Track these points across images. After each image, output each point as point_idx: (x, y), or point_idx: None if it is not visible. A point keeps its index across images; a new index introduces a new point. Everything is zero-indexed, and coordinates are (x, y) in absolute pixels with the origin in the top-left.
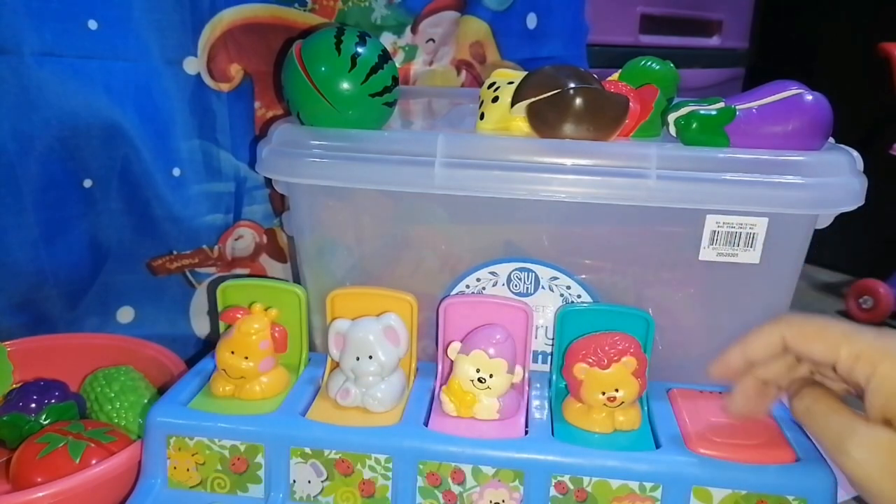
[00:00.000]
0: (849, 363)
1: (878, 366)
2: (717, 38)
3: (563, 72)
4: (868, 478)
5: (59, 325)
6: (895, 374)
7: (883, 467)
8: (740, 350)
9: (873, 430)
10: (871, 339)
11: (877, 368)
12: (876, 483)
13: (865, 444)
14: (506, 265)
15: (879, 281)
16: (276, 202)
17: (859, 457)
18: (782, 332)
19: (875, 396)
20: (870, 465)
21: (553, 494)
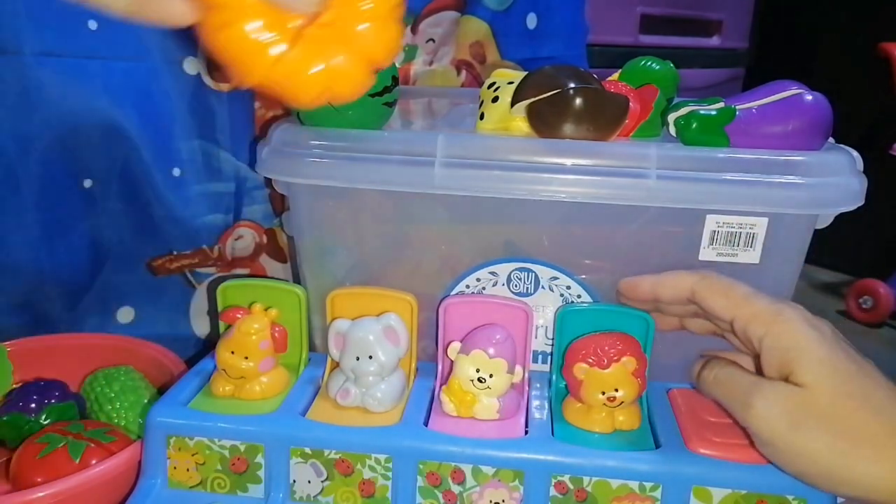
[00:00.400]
0: (744, 321)
1: (770, 326)
2: (717, 38)
3: (563, 72)
4: (773, 430)
5: (59, 325)
6: (786, 333)
7: (787, 418)
8: (652, 283)
9: (775, 384)
10: (768, 302)
11: (769, 328)
12: (781, 435)
13: (769, 397)
14: (506, 265)
15: (879, 281)
16: (276, 202)
17: (763, 410)
18: (693, 282)
19: (769, 355)
20: (775, 417)
21: (553, 494)
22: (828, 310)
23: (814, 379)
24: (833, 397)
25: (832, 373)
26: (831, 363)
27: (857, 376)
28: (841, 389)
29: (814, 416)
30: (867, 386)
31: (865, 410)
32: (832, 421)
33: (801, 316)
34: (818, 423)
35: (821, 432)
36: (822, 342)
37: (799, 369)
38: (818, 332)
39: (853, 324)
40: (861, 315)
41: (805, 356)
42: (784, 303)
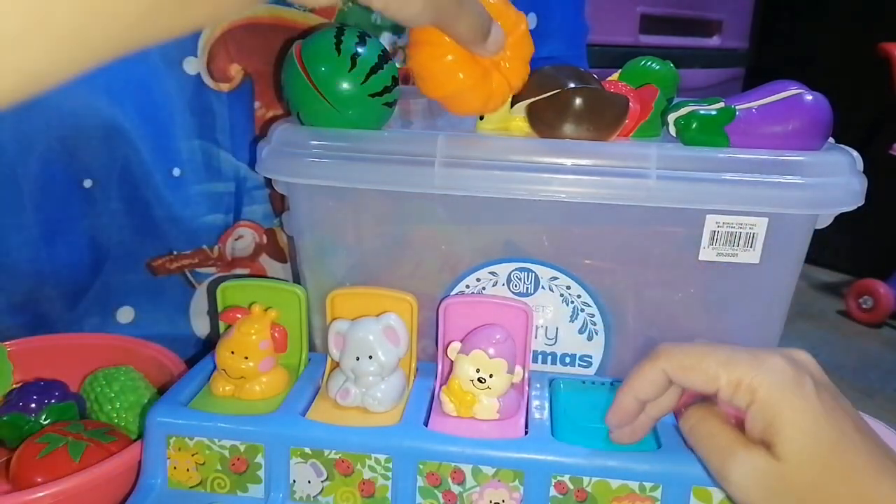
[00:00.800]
0: (729, 391)
1: (756, 392)
2: (717, 38)
3: (564, 72)
4: (745, 497)
5: (59, 325)
6: (772, 402)
7: (763, 491)
8: (630, 393)
9: (751, 453)
10: (748, 365)
11: (755, 395)
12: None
13: (745, 471)
14: (506, 265)
15: (879, 281)
16: (276, 202)
17: (738, 481)
18: (663, 367)
19: (755, 422)
20: (750, 488)
21: (553, 494)
22: (828, 310)
23: (793, 456)
24: (812, 476)
25: (813, 449)
26: (813, 437)
27: (838, 449)
28: (820, 467)
29: (789, 491)
30: (846, 457)
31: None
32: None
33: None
34: (793, 498)
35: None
36: (805, 414)
37: (780, 443)
38: (802, 398)
39: (853, 324)
40: (861, 315)
41: (787, 431)
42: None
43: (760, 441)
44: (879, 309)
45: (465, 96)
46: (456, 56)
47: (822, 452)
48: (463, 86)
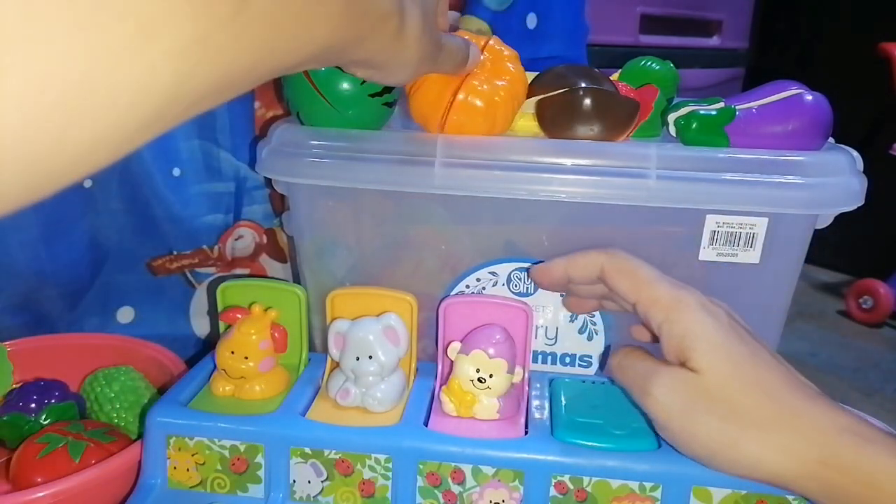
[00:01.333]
0: (645, 306)
1: (668, 312)
2: (717, 38)
3: (575, 71)
4: (668, 415)
5: (59, 325)
6: (684, 320)
7: (681, 403)
8: (563, 263)
9: (672, 370)
10: (668, 287)
11: (667, 315)
12: (675, 419)
13: (665, 383)
14: (506, 265)
15: (879, 281)
16: (276, 202)
17: (660, 396)
18: (603, 261)
19: (668, 340)
20: (670, 402)
21: (553, 494)
22: (828, 310)
23: (707, 365)
24: (724, 382)
25: (725, 359)
26: (724, 349)
27: (749, 361)
28: (732, 374)
29: (705, 400)
30: (759, 370)
31: (755, 394)
32: (722, 405)
33: (699, 302)
34: (709, 407)
35: (711, 416)
36: (717, 329)
37: (693, 355)
38: (714, 318)
39: (853, 324)
40: (861, 315)
41: (699, 343)
42: (684, 289)
43: (677, 361)
44: (879, 309)
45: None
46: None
47: (735, 365)
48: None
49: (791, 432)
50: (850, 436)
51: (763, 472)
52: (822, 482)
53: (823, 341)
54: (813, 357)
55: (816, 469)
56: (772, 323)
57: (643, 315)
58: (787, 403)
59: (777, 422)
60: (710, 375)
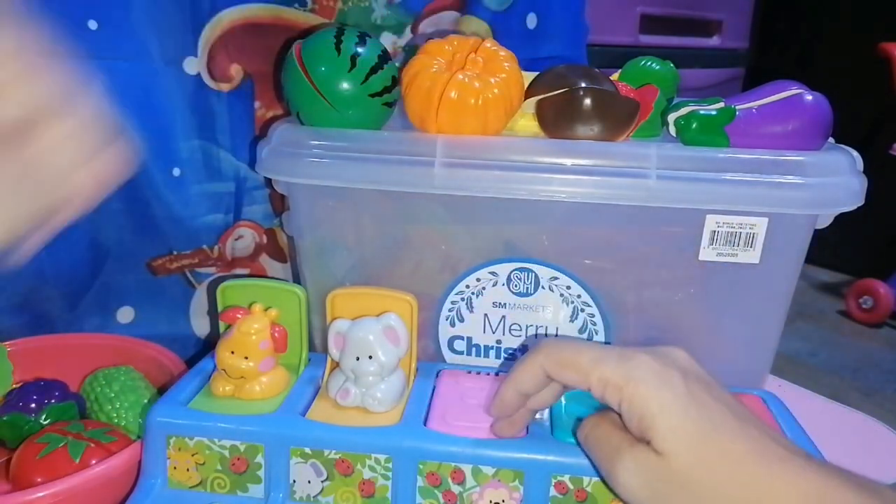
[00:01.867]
0: (599, 390)
1: (623, 390)
2: (717, 38)
3: (575, 72)
4: (636, 500)
5: (59, 325)
6: (638, 399)
7: (647, 489)
8: (511, 386)
9: (634, 451)
10: (615, 363)
11: (623, 393)
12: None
13: (629, 467)
14: (506, 265)
15: (879, 281)
16: (276, 202)
17: (625, 481)
18: (541, 363)
19: (628, 420)
20: (636, 487)
21: (553, 494)
22: (828, 310)
23: (668, 448)
24: (687, 466)
25: (685, 439)
26: (684, 428)
27: (711, 436)
28: (695, 456)
29: (672, 484)
30: (723, 445)
31: (719, 473)
32: (690, 487)
33: (650, 373)
34: (677, 491)
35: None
36: (673, 403)
37: (654, 437)
38: (669, 389)
39: (853, 324)
40: (861, 315)
41: (658, 423)
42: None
43: (640, 438)
44: (879, 309)
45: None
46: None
47: (696, 442)
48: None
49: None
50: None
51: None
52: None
53: (823, 341)
54: (813, 357)
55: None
56: (772, 323)
57: (600, 398)
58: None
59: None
60: (673, 460)
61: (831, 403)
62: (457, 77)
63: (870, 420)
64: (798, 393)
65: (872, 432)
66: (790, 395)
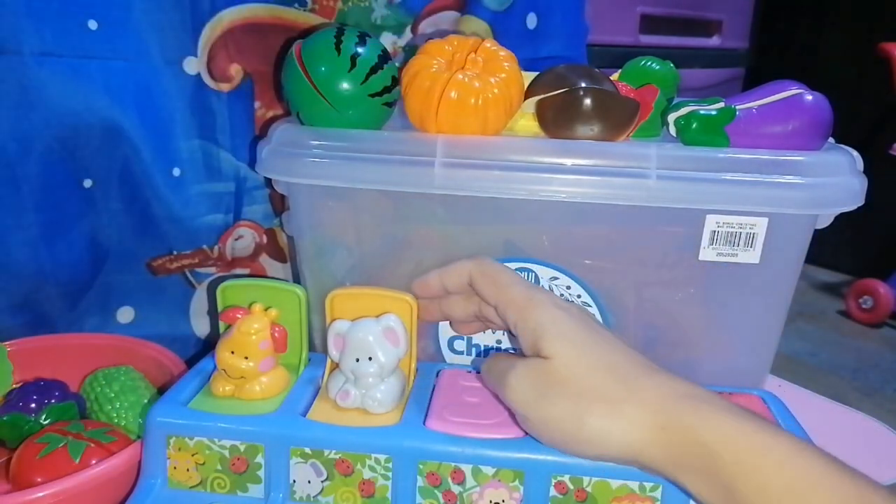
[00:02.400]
0: (503, 307)
1: (522, 311)
2: (717, 38)
3: (575, 71)
4: (525, 403)
5: (59, 325)
6: (536, 315)
7: (534, 389)
8: (438, 274)
9: (526, 360)
10: (524, 288)
11: (521, 312)
12: (529, 406)
13: (520, 373)
14: (506, 265)
15: (879, 281)
16: (276, 202)
17: (515, 384)
18: (470, 269)
19: (522, 335)
20: (524, 389)
21: (553, 494)
22: (828, 310)
23: (555, 351)
24: (571, 364)
25: (571, 344)
26: (571, 335)
27: (595, 345)
28: (578, 357)
29: (555, 383)
30: (604, 352)
31: (601, 372)
32: (570, 386)
33: (550, 300)
34: (559, 389)
35: (561, 398)
36: (566, 319)
37: (544, 344)
38: (564, 311)
39: (853, 324)
40: (861, 315)
41: (549, 332)
42: (539, 290)
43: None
44: (879, 309)
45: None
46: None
47: (581, 348)
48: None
49: (633, 403)
50: (689, 400)
51: (612, 447)
52: (664, 448)
53: (823, 341)
54: (813, 357)
55: (658, 435)
56: (772, 323)
57: (503, 316)
58: (631, 378)
59: (620, 396)
60: (559, 359)
61: (831, 403)
62: (457, 77)
63: (870, 420)
64: (798, 393)
65: (872, 432)
66: (790, 395)
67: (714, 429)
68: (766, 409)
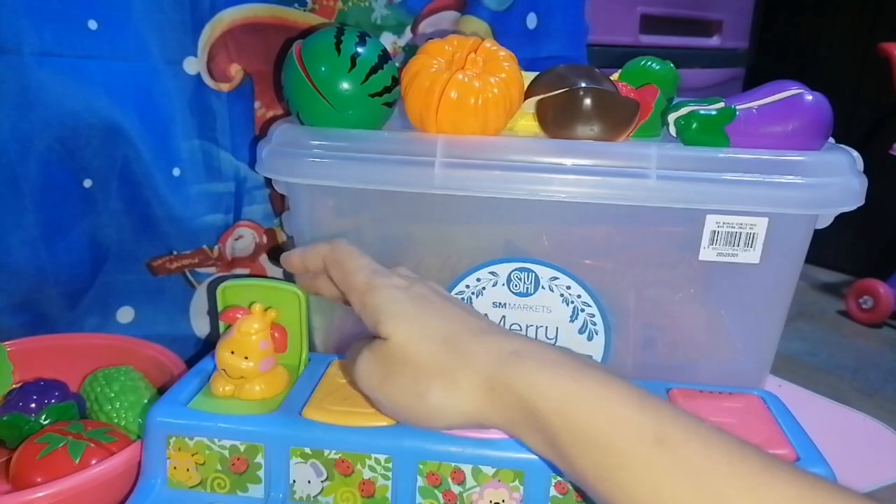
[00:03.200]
0: (349, 293)
1: (363, 296)
2: (717, 38)
3: (576, 71)
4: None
5: (59, 325)
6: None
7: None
8: (299, 254)
9: (369, 343)
10: (368, 275)
11: (362, 298)
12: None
13: (364, 356)
14: (506, 265)
15: (879, 281)
16: (276, 202)
17: (360, 368)
18: (324, 252)
19: (366, 321)
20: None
21: (553, 494)
22: (828, 310)
23: (391, 330)
24: (405, 342)
25: (406, 320)
26: (405, 312)
27: (432, 318)
28: (411, 332)
29: (395, 363)
30: (436, 322)
31: (435, 345)
32: (407, 364)
33: (389, 282)
34: (399, 369)
35: (401, 377)
36: (401, 299)
37: (380, 327)
38: (401, 291)
39: (853, 324)
40: (861, 315)
41: (383, 313)
42: (381, 275)
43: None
44: (879, 309)
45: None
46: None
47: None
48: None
49: (465, 371)
50: (514, 358)
51: (455, 417)
52: (497, 409)
53: (823, 341)
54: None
55: (488, 397)
56: (772, 323)
57: (350, 303)
58: (462, 345)
59: (452, 364)
60: (394, 339)
61: (831, 403)
62: (457, 77)
63: (870, 420)
64: (798, 393)
65: (872, 432)
66: (790, 395)
67: (532, 383)
68: (766, 409)
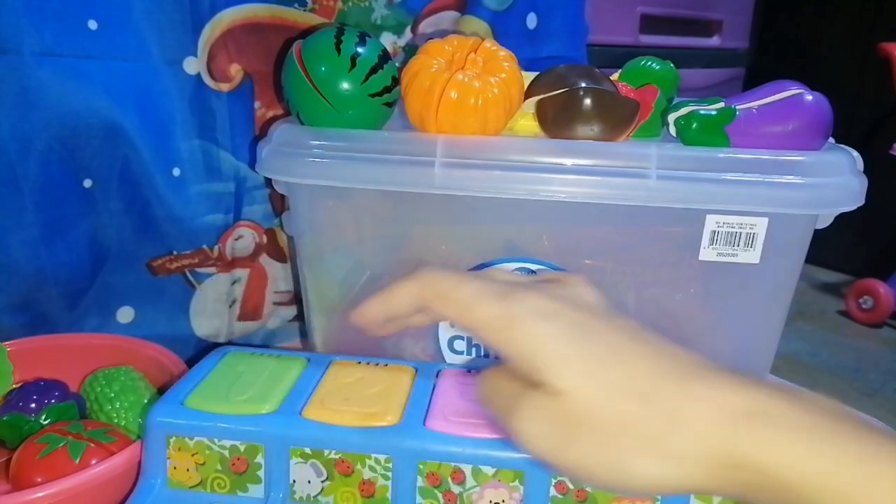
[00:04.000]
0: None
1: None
2: (717, 38)
3: (576, 71)
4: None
5: (59, 325)
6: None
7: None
8: (382, 305)
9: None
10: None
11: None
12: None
13: (526, 416)
14: (506, 265)
15: (879, 281)
16: (276, 202)
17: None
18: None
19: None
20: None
21: (553, 494)
22: (828, 310)
23: (564, 384)
24: (586, 400)
25: (579, 372)
26: (576, 361)
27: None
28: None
29: (575, 423)
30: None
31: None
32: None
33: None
34: (580, 433)
35: (587, 443)
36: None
37: (546, 377)
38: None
39: (853, 324)
40: (861, 315)
41: (546, 362)
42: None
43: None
44: (879, 309)
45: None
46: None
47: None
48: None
49: (675, 436)
50: (746, 423)
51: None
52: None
53: (823, 341)
54: (813, 357)
55: (716, 472)
56: (772, 323)
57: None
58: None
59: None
60: (570, 395)
61: None
62: (457, 77)
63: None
64: None
65: None
66: None
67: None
68: None
